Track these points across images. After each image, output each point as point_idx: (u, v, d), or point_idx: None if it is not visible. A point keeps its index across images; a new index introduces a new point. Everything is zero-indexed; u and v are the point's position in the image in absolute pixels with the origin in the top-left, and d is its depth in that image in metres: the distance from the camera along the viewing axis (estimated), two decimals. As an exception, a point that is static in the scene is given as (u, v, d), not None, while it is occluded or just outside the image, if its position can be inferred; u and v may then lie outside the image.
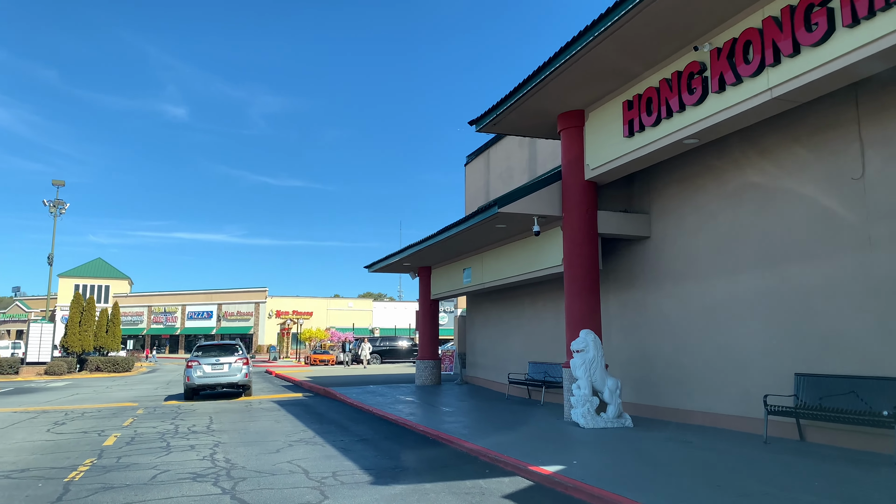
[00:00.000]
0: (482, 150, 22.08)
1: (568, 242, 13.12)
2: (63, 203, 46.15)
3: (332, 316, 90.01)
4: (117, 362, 44.05)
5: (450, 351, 29.26)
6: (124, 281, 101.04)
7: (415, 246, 18.55)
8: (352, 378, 27.68)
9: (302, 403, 18.31)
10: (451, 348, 29.82)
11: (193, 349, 21.77)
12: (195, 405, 18.52)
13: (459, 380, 22.29)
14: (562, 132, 13.54)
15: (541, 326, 17.49)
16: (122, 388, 27.11)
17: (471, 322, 22.39)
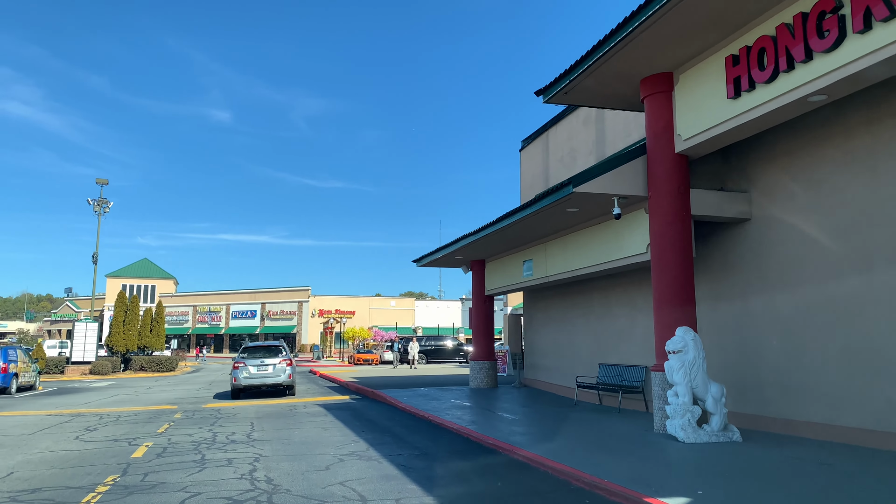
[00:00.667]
0: (539, 133, 20.34)
1: (656, 226, 11.33)
2: (107, 202, 45.97)
3: (374, 315, 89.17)
4: (161, 362, 43.60)
5: (502, 351, 27.57)
6: (170, 281, 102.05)
7: (470, 236, 16.94)
8: (400, 379, 26.23)
9: (349, 408, 16.87)
10: (503, 348, 28.11)
11: (239, 351, 21.98)
12: (236, 408, 17.27)
13: (517, 382, 20.58)
14: (646, 99, 11.75)
15: (612, 325, 15.69)
16: (163, 389, 26.21)
17: (529, 320, 20.66)
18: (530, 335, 20.53)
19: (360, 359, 54.83)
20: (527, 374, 20.62)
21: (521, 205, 13.58)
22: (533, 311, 20.24)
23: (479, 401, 16.91)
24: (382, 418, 14.54)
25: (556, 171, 18.86)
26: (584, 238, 14.26)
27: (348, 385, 24.16)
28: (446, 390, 19.63)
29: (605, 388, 14.69)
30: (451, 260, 20.23)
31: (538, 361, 19.73)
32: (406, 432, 12.34)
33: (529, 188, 20.57)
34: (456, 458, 9.66)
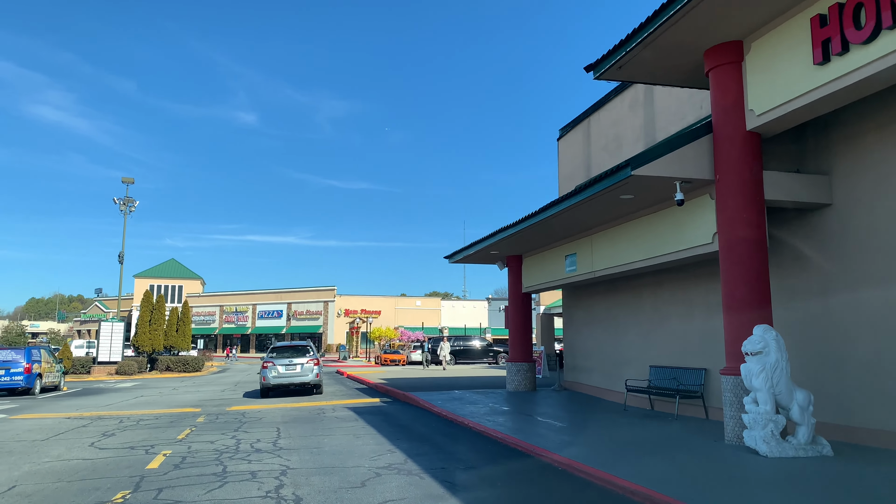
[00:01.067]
0: (580, 120, 19.14)
1: (726, 213, 10.12)
2: (132, 201, 45.67)
3: (399, 315, 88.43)
4: (187, 362, 43.15)
5: (537, 352, 26.36)
6: (197, 281, 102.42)
7: (508, 229, 15.83)
8: (431, 381, 25.19)
9: (381, 412, 15.86)
10: (537, 349, 26.93)
11: (268, 351, 22.56)
12: (261, 411, 16.37)
13: (556, 385, 19.40)
14: (712, 72, 10.55)
15: (665, 323, 14.46)
16: (188, 390, 25.51)
17: (569, 319, 19.48)
18: (571, 335, 19.34)
19: (387, 359, 54.01)
20: (567, 376, 19.43)
21: (568, 192, 12.43)
22: (574, 309, 19.05)
23: (519, 405, 15.79)
24: (417, 424, 13.49)
25: (599, 160, 17.65)
26: (636, 229, 13.07)
27: (377, 387, 23.19)
28: (482, 393, 18.54)
29: (659, 392, 13.48)
30: (486, 255, 19.13)
31: (580, 363, 18.53)
32: (445, 441, 11.28)
33: (569, 179, 19.38)
34: (506, 473, 8.58)
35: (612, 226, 13.99)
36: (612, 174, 10.68)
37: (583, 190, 11.76)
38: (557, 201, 12.93)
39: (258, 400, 20.32)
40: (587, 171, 18.30)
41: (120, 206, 45.43)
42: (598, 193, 11.40)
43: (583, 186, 11.75)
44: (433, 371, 32.09)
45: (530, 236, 16.26)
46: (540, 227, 14.77)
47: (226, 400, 20.38)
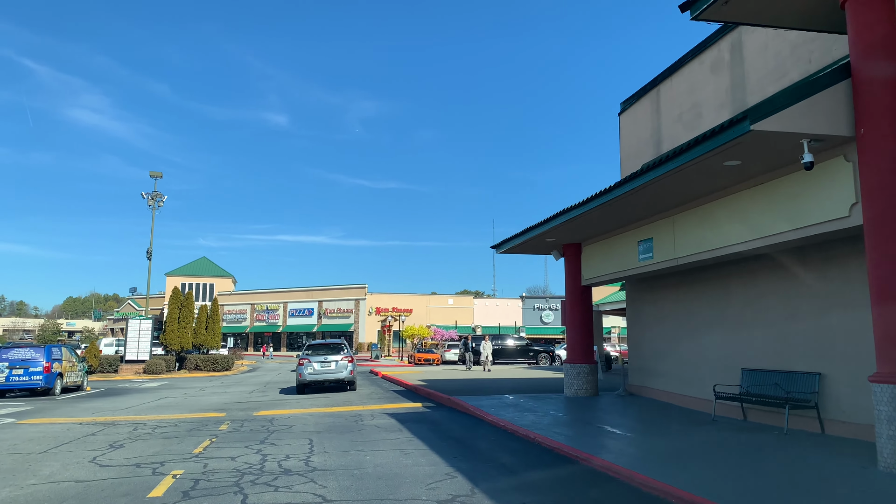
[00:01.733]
0: (646, 90, 16.96)
1: (873, 177, 7.95)
2: (161, 195, 44.58)
3: (431, 313, 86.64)
4: (216, 361, 41.88)
5: None
6: (228, 279, 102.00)
7: (571, 211, 13.79)
8: (474, 383, 23.21)
9: (427, 420, 13.93)
10: None
11: (303, 348, 23.17)
12: (292, 418, 14.58)
13: (621, 390, 17.24)
14: (850, 2, 8.38)
15: (761, 319, 12.26)
16: (214, 391, 23.95)
17: (635, 316, 17.33)
18: (637, 334, 17.19)
19: (421, 358, 52.25)
20: (632, 379, 17.27)
21: (653, 162, 10.34)
22: (640, 304, 16.90)
23: (586, 414, 13.72)
24: (473, 437, 11.52)
25: (672, 133, 15.47)
26: (735, 206, 10.90)
27: (416, 389, 21.29)
28: (537, 399, 16.49)
29: (760, 400, 11.31)
30: (540, 244, 17.09)
31: (649, 365, 16.37)
32: (513, 460, 9.29)
33: (634, 157, 17.21)
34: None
35: (700, 204, 11.85)
36: (720, 132, 8.57)
37: (676, 156, 9.66)
38: (637, 174, 10.84)
39: (288, 401, 18.60)
40: (657, 147, 16.12)
41: (148, 202, 44.38)
42: (698, 159, 9.30)
43: (675, 152, 9.65)
44: (475, 372, 30.02)
45: (595, 220, 14.18)
46: (611, 207, 12.68)
47: (253, 403, 18.68)
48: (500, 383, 22.78)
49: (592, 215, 13.65)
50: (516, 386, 21.24)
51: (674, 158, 9.75)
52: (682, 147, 9.51)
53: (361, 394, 21.15)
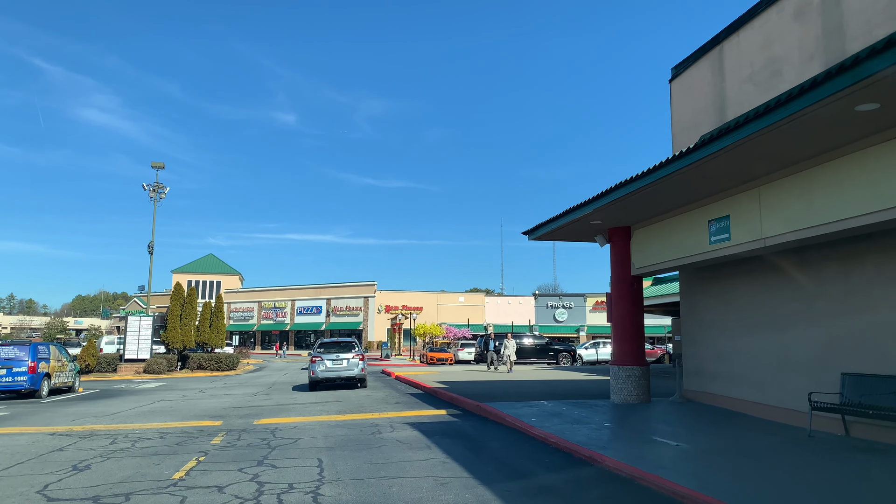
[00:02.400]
0: (705, 50, 14.67)
1: None
2: (162, 187, 42.63)
3: (442, 311, 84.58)
4: (221, 360, 39.90)
5: None
6: (235, 276, 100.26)
7: (622, 188, 11.62)
8: (500, 386, 21.04)
9: (457, 433, 11.76)
10: None
11: (315, 346, 23.91)
12: (298, 427, 12.47)
13: (676, 396, 14.99)
14: None
15: (867, 313, 10.03)
16: (215, 393, 21.93)
17: (691, 310, 15.09)
18: (694, 331, 14.94)
19: (434, 358, 50.23)
20: (689, 384, 15.00)
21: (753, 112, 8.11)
22: (699, 297, 14.66)
23: (651, 428, 11.51)
24: (522, 458, 9.33)
25: (740, 96, 13.18)
26: (855, 166, 8.66)
27: (436, 392, 19.13)
28: (581, 406, 14.28)
29: (878, 413, 9.08)
30: (582, 228, 14.90)
31: (709, 367, 14.13)
32: (590, 497, 7.11)
33: (690, 128, 14.93)
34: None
35: (799, 169, 9.62)
36: (867, 59, 6.37)
37: (786, 103, 7.44)
38: (723, 133, 8.62)
39: (294, 406, 16.53)
40: (720, 114, 13.86)
41: (149, 193, 42.45)
42: (819, 104, 7.10)
43: (788, 97, 7.43)
44: (499, 373, 27.72)
45: (652, 198, 12.00)
46: (673, 182, 10.50)
47: (255, 408, 16.61)
48: (529, 386, 20.59)
49: (648, 192, 11.46)
50: (550, 390, 19.04)
51: (785, 104, 7.53)
52: (800, 89, 7.29)
53: (375, 397, 19.05)
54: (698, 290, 14.66)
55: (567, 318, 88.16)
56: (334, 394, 20.65)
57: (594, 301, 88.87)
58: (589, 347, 43.10)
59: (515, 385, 21.12)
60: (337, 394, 20.62)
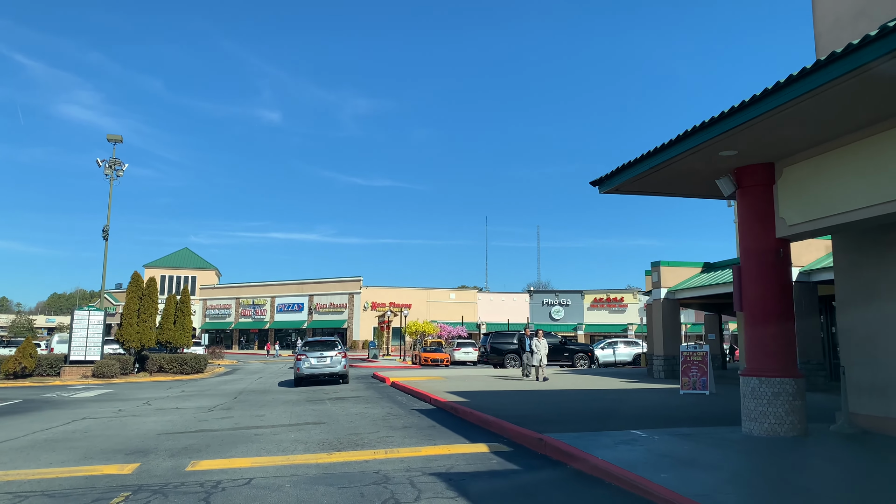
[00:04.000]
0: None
1: None
2: (120, 163, 37.19)
3: (432, 308, 79.54)
4: (185, 362, 34.59)
5: (698, 354, 16.81)
6: (211, 272, 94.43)
7: (787, 88, 6.75)
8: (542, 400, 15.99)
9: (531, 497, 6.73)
10: (690, 348, 17.42)
11: (301, 345, 25.85)
12: (253, 484, 7.39)
13: (842, 422, 9.85)
14: None
15: None
16: (162, 406, 16.81)
17: (860, 294, 10.04)
18: (866, 324, 9.91)
19: (428, 359, 45.26)
20: (858, 405, 9.93)
21: None
22: (878, 272, 9.70)
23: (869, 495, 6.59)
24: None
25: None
26: None
27: (458, 410, 14.02)
28: (702, 440, 9.19)
29: None
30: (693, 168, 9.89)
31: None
32: None
33: (847, 27, 9.98)
34: None
35: None
36: None
37: None
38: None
39: (260, 432, 11.42)
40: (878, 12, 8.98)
41: (105, 170, 36.99)
42: None
43: None
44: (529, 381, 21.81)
45: (836, 106, 7.10)
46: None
47: (202, 435, 11.48)
48: (580, 401, 15.50)
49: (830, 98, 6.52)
50: (612, 407, 14.01)
51: None
52: None
53: (372, 415, 14.00)
54: (876, 262, 9.73)
55: (564, 316, 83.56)
56: (316, 409, 15.57)
57: (592, 298, 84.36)
58: (605, 348, 38.26)
59: (559, 398, 16.08)
60: (319, 409, 15.55)
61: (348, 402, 17.28)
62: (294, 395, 20.17)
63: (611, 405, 14.52)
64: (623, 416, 12.08)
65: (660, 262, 23.22)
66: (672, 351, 23.04)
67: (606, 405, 14.50)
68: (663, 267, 23.30)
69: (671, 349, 23.04)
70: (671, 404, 14.41)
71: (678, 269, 23.43)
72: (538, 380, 21.03)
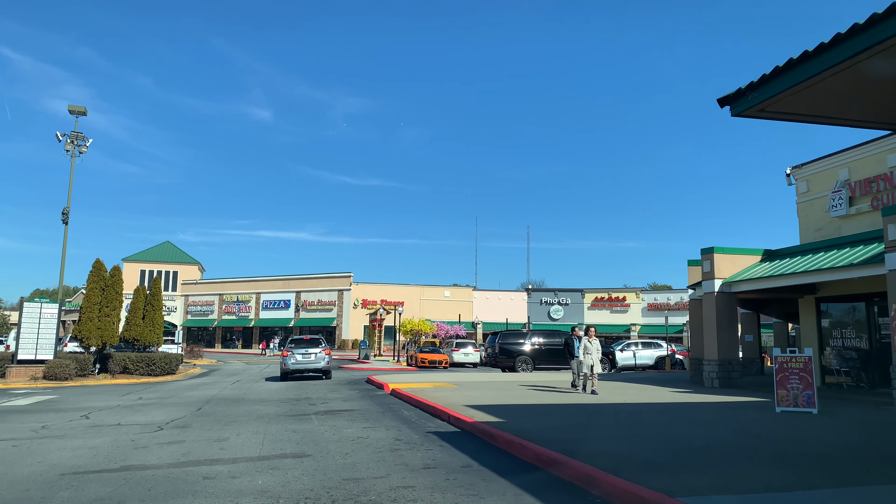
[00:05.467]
0: None
1: None
2: (83, 137, 32.98)
3: (425, 307, 75.55)
4: (154, 362, 30.53)
5: (799, 360, 12.82)
6: (194, 266, 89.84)
7: None
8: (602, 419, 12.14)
9: None
10: (802, 355, 13.39)
11: (287, 342, 27.94)
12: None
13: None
14: None
15: None
16: (100, 421, 12.82)
17: None
18: None
19: (426, 360, 41.48)
20: None
21: None
22: None
23: None
24: None
25: None
26: None
27: (500, 438, 10.07)
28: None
29: None
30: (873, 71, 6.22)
31: None
32: None
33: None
34: None
35: None
36: None
37: None
38: None
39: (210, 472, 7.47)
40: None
41: (65, 145, 32.78)
42: None
43: None
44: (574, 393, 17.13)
45: None
46: None
47: (127, 477, 7.55)
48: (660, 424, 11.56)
49: None
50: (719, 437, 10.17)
51: None
52: None
53: (375, 442, 10.11)
54: None
55: (563, 316, 79.83)
56: (298, 431, 11.65)
57: (593, 297, 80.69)
58: (624, 350, 34.46)
59: (626, 419, 12.12)
60: (302, 431, 11.64)
61: (340, 419, 13.37)
62: (272, 406, 16.24)
63: (706, 432, 10.65)
64: (747, 455, 8.21)
65: (713, 248, 19.42)
66: (728, 354, 19.26)
67: (700, 432, 10.63)
68: (717, 254, 19.49)
69: (727, 352, 19.25)
70: (786, 430, 10.59)
71: (735, 256, 19.64)
72: (583, 391, 17.01)
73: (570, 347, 17.41)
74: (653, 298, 78.39)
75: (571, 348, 17.27)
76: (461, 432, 11.13)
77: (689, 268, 22.91)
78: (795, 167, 21.93)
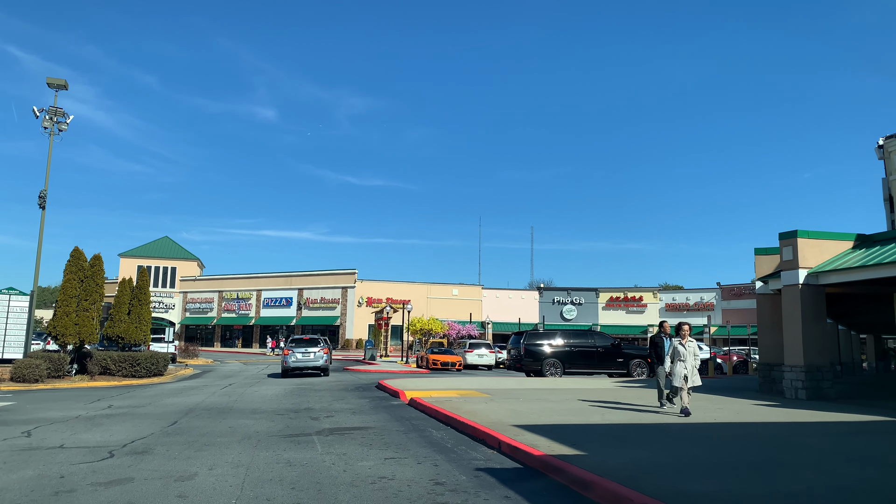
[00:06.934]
0: None
1: None
2: (63, 113, 29.78)
3: (433, 305, 72.20)
4: (138, 362, 27.37)
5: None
6: (193, 262, 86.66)
7: None
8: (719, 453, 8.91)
9: None
10: None
11: (287, 341, 29.20)
12: None
13: None
14: None
15: None
16: (41, 442, 9.55)
17: None
18: None
19: (438, 361, 38.25)
20: None
21: None
22: None
23: None
24: None
25: None
26: None
27: (598, 488, 6.89)
28: None
29: None
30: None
31: None
32: None
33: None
34: None
35: None
36: None
37: None
38: None
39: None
40: None
41: (43, 122, 29.58)
42: None
43: None
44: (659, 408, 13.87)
45: None
46: None
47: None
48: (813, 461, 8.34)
49: None
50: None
51: None
52: None
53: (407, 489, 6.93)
54: None
55: (576, 316, 76.52)
56: (294, 461, 8.42)
57: (608, 297, 77.31)
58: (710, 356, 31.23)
59: (762, 452, 8.87)
60: (299, 461, 8.41)
61: (351, 442, 10.13)
62: (264, 421, 13.00)
63: (880, 475, 7.37)
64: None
65: (796, 231, 16.08)
66: (817, 359, 15.92)
67: (873, 474, 7.36)
68: (801, 239, 16.16)
69: (815, 356, 15.92)
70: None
71: (823, 242, 16.29)
72: (669, 405, 13.37)
73: (658, 350, 13.84)
74: (671, 298, 75.00)
75: (660, 351, 13.71)
76: (525, 469, 7.85)
77: (757, 257, 19.56)
78: (889, 137, 18.61)
